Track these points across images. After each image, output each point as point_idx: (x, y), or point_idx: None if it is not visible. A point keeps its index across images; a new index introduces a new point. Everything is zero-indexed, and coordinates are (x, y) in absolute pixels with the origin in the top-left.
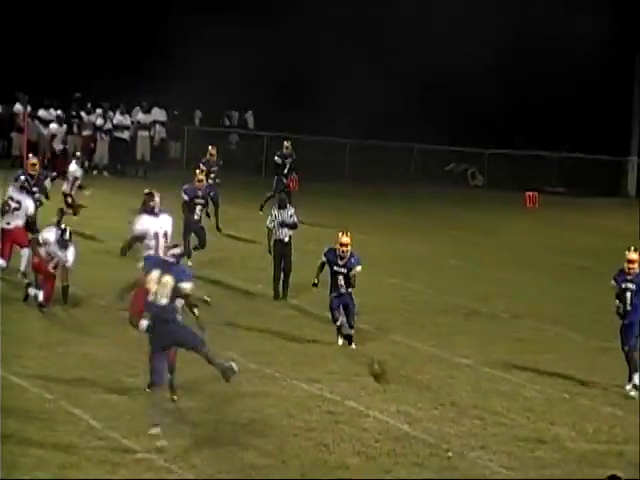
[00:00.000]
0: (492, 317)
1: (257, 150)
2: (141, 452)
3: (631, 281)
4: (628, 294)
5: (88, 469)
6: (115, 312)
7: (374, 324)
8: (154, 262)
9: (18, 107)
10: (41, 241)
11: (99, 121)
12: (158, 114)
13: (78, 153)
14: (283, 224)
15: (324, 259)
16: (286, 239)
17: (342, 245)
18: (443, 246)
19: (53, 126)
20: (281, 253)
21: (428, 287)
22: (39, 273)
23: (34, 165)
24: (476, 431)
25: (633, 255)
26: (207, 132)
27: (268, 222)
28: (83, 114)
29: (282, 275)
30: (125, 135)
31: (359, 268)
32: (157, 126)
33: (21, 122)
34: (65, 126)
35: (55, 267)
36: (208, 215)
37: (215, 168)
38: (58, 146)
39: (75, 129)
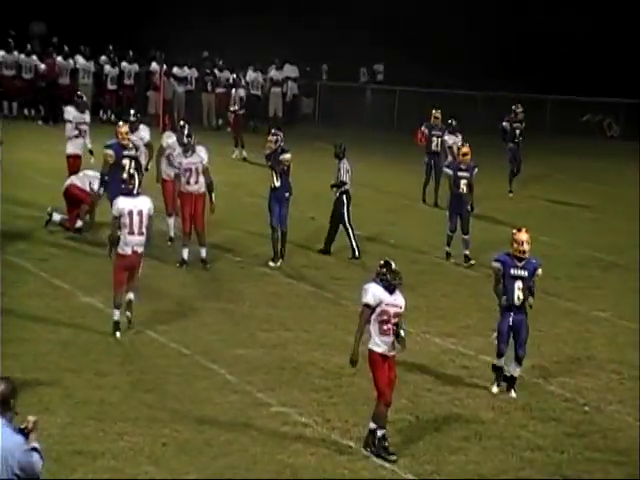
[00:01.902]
0: (629, 270)
1: (389, 104)
2: (276, 406)
3: None
4: None
5: (225, 422)
6: (251, 268)
7: None
8: None
9: (154, 66)
10: (165, 145)
11: (231, 78)
12: (290, 70)
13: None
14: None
15: (497, 265)
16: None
17: (520, 244)
18: (578, 199)
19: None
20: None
21: (564, 240)
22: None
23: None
24: (613, 385)
25: None
26: (338, 87)
27: (346, 178)
28: (216, 71)
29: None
30: (258, 92)
31: (540, 271)
32: (289, 82)
33: (157, 80)
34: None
35: (196, 182)
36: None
37: (439, 132)
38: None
39: (209, 87)
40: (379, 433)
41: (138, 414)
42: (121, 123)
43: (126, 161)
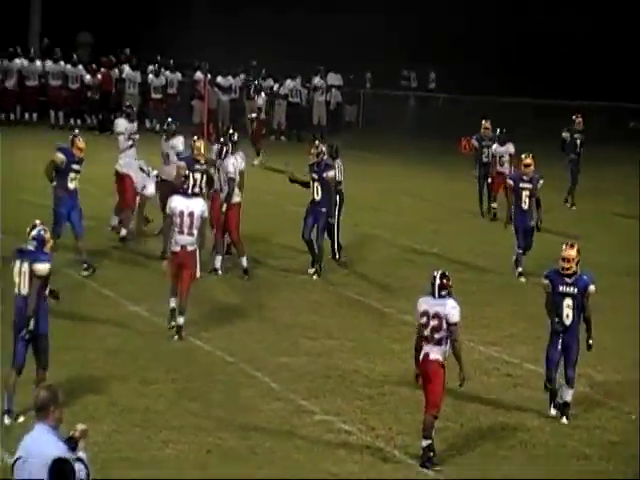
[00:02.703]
0: None
1: (433, 112)
2: (320, 414)
3: None
4: None
5: (269, 430)
6: (294, 276)
7: None
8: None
9: (199, 75)
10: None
11: (275, 87)
12: (334, 78)
13: None
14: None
15: (546, 282)
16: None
17: (566, 260)
18: (625, 208)
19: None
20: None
21: (610, 249)
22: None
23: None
24: None
25: None
26: (382, 94)
27: (341, 177)
28: (259, 79)
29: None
30: (298, 100)
31: (593, 288)
32: (333, 90)
33: (202, 90)
34: None
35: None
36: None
37: (490, 143)
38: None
39: (252, 93)
40: (424, 443)
41: (183, 422)
42: (196, 137)
43: (197, 175)
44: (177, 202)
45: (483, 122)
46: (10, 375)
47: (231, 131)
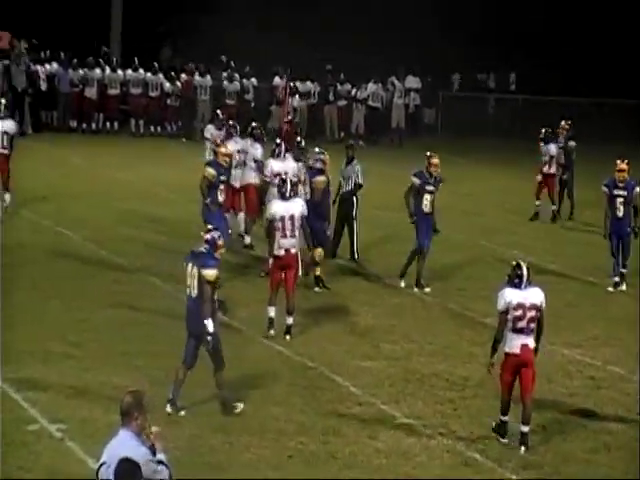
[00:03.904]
0: None
1: (512, 113)
2: (400, 418)
3: None
4: None
5: (349, 434)
6: (375, 279)
7: None
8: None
9: (277, 80)
10: None
11: (354, 90)
12: (412, 82)
13: None
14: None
15: None
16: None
17: None
18: None
19: None
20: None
21: None
22: None
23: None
24: None
25: None
26: (460, 97)
27: (362, 179)
28: (337, 84)
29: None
30: (378, 104)
31: None
32: (412, 93)
33: (281, 95)
34: None
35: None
36: None
37: (564, 143)
38: None
39: (331, 97)
40: (526, 429)
41: (264, 426)
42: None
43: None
44: (277, 207)
45: (562, 122)
46: (180, 368)
47: (298, 138)
